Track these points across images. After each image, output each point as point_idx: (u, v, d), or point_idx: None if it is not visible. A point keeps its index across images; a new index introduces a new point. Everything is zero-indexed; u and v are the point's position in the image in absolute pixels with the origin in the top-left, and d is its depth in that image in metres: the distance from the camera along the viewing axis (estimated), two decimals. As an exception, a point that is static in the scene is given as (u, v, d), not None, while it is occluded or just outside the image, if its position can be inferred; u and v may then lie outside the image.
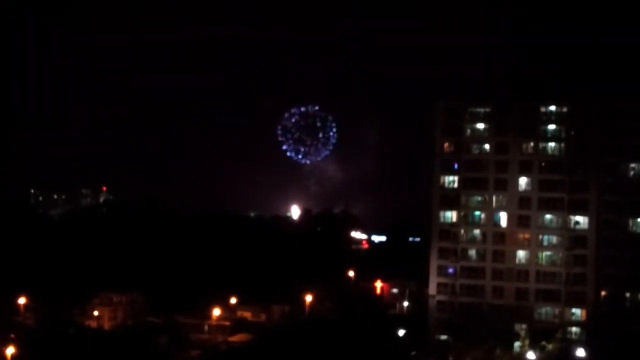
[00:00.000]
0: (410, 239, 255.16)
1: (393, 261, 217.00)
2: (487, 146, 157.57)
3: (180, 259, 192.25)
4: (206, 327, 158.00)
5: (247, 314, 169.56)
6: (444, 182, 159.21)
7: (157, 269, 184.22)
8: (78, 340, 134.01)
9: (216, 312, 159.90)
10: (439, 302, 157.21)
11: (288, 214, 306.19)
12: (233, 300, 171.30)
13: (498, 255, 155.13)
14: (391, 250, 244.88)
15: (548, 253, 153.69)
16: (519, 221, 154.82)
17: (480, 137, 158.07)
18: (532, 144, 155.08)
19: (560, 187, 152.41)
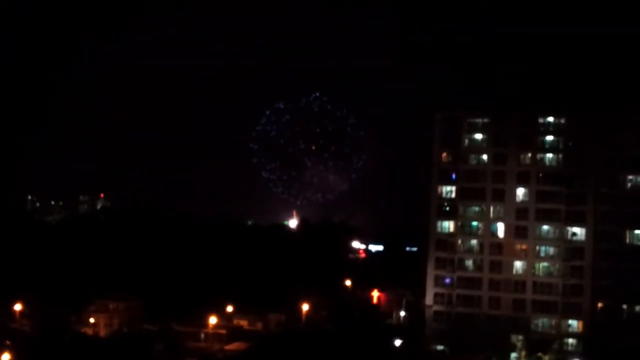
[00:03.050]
0: (408, 248, 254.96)
1: (390, 271, 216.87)
2: (485, 157, 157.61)
3: (177, 267, 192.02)
4: (202, 335, 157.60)
5: (244, 323, 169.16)
6: (441, 192, 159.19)
7: (154, 277, 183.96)
8: (73, 347, 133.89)
9: (212, 320, 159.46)
10: (435, 312, 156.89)
11: (285, 222, 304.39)
12: (229, 309, 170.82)
13: (495, 266, 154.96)
14: (388, 260, 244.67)
15: (545, 264, 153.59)
16: (516, 232, 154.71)
17: (478, 148, 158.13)
18: (529, 154, 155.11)
19: (558, 198, 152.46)
